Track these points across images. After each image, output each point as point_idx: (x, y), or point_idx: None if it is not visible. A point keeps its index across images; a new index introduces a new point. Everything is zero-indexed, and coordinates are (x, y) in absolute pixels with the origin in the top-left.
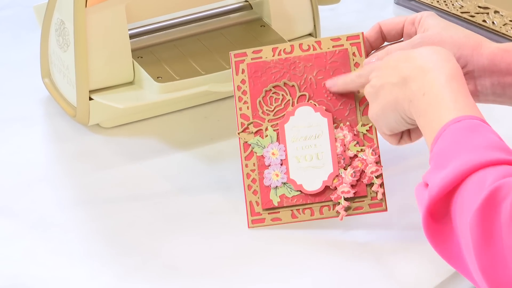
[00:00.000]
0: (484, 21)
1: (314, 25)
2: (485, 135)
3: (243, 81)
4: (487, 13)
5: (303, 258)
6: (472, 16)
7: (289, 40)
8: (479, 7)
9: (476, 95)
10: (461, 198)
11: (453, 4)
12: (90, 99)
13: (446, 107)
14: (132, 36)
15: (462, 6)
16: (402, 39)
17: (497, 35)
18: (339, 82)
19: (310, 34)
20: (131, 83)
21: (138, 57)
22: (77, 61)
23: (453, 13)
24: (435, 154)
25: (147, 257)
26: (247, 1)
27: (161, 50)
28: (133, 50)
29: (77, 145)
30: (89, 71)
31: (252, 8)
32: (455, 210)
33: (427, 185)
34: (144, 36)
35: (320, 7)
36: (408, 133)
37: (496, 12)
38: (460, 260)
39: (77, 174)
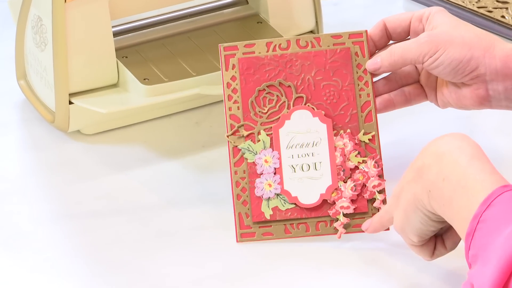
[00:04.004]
0: (502, 16)
1: (316, 22)
2: None
3: (233, 78)
4: (506, 8)
5: (303, 276)
6: (490, 12)
7: None
8: (497, 1)
9: (488, 100)
10: None
11: None
12: (70, 103)
13: (472, 190)
14: (116, 34)
15: (479, 1)
16: (408, 37)
17: None
18: (374, 220)
19: (311, 31)
20: (115, 85)
21: (122, 57)
22: (56, 62)
23: (468, 8)
24: (477, 249)
25: (132, 276)
26: None
27: (148, 49)
28: (117, 50)
29: (56, 153)
30: (68, 73)
31: (248, 3)
32: None
33: (473, 286)
34: (129, 34)
35: (322, 2)
36: (442, 242)
37: None
38: None
39: (55, 186)
